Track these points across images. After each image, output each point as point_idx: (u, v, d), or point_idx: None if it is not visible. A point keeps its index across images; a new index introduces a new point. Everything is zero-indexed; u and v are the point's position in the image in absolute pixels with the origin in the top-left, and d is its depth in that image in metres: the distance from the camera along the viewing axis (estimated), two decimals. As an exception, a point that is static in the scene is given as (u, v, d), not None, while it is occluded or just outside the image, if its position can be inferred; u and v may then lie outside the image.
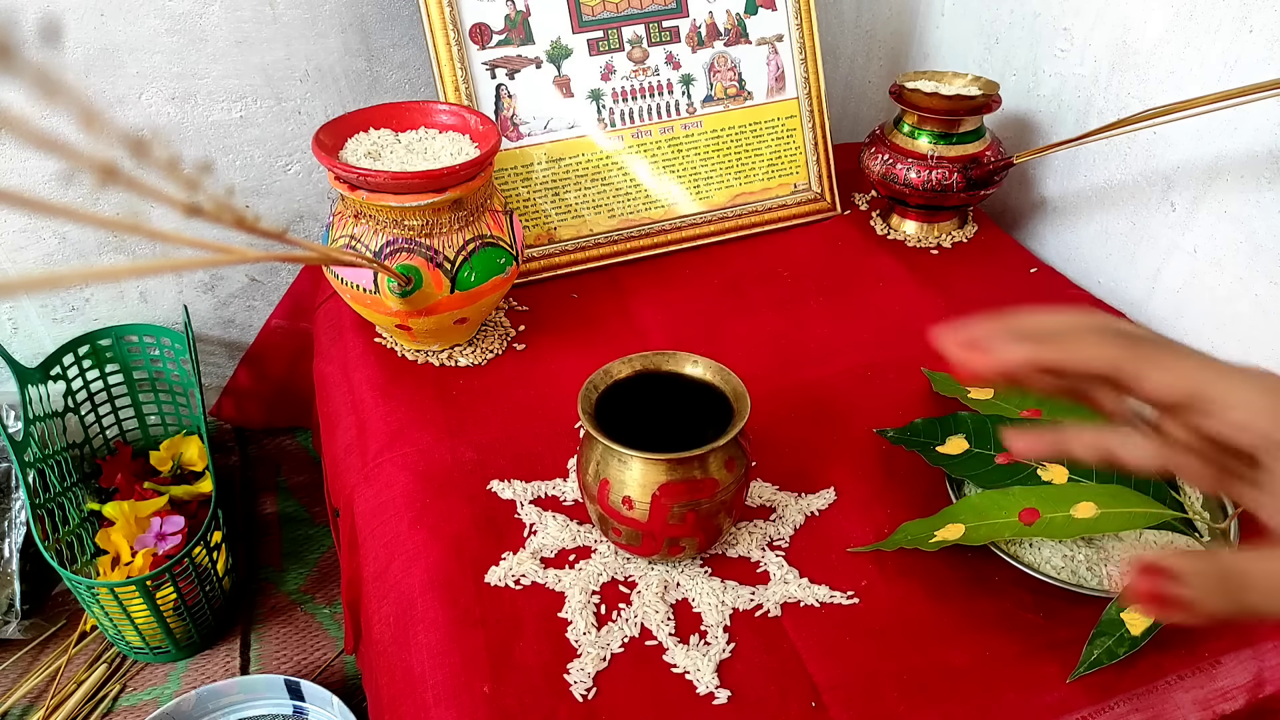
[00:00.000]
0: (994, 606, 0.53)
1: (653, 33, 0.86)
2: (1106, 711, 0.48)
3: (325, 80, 0.90)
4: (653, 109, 0.87)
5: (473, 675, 0.50)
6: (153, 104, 0.85)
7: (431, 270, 0.66)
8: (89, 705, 0.84)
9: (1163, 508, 0.52)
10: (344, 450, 0.68)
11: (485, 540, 0.58)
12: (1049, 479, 0.55)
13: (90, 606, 0.81)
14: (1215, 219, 0.74)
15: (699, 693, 0.49)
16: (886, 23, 1.09)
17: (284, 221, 0.97)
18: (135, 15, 0.81)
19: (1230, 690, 0.49)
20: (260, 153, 0.92)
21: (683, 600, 0.54)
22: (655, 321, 0.79)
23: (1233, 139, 0.71)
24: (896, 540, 0.55)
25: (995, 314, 0.30)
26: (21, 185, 0.85)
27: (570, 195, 0.85)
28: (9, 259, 0.89)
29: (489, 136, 0.69)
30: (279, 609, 0.93)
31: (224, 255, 0.34)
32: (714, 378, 0.54)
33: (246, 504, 1.05)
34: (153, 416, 1.02)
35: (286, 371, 0.99)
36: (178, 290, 0.98)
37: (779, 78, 0.91)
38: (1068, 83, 0.87)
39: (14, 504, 0.91)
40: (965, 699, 0.48)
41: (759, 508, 0.60)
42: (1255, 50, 0.68)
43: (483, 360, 0.74)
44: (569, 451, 0.65)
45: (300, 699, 0.79)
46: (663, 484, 0.50)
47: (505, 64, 0.81)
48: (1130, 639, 0.48)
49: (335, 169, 0.64)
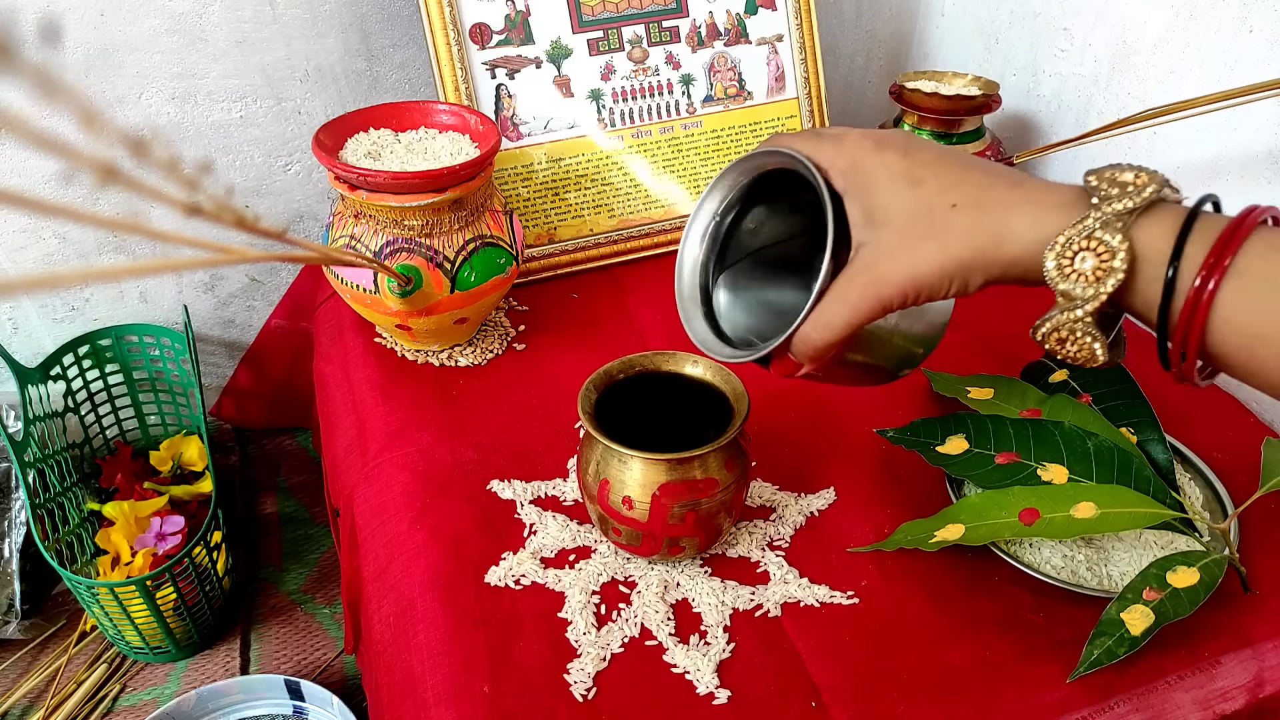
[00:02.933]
0: (994, 606, 0.53)
1: (653, 33, 0.86)
2: (1106, 711, 0.48)
3: (325, 80, 0.90)
4: (653, 109, 0.87)
5: (473, 675, 0.50)
6: (152, 104, 0.85)
7: (431, 270, 0.66)
8: (89, 705, 0.84)
9: (1163, 508, 0.52)
10: (344, 450, 0.68)
11: (485, 540, 0.58)
12: (1049, 479, 0.55)
13: (90, 606, 0.81)
14: (1215, 219, 0.74)
15: (699, 693, 0.49)
16: (886, 23, 1.09)
17: (284, 221, 0.97)
18: (135, 15, 0.81)
19: (1230, 690, 0.49)
20: (260, 153, 0.92)
21: (683, 600, 0.54)
22: (655, 321, 0.79)
23: (1233, 139, 0.71)
24: (896, 540, 0.55)
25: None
26: (21, 185, 0.85)
27: (570, 195, 0.85)
28: (9, 259, 0.89)
29: (489, 136, 0.69)
30: (279, 609, 0.93)
31: (224, 255, 0.34)
32: (714, 378, 0.54)
33: (246, 504, 1.05)
34: (153, 416, 1.02)
35: (286, 371, 0.99)
36: (178, 290, 0.98)
37: (779, 78, 0.91)
38: (1068, 83, 0.87)
39: (14, 504, 0.91)
40: (965, 699, 0.48)
41: (759, 508, 0.60)
42: (1255, 50, 0.68)
43: (483, 360, 0.74)
44: (569, 451, 0.65)
45: (300, 699, 0.79)
46: (663, 484, 0.50)
47: (505, 64, 0.82)
48: (1130, 639, 0.48)
49: (335, 169, 0.64)
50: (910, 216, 0.37)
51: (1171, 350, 0.34)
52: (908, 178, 0.38)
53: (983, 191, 0.37)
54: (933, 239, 0.37)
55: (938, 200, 0.37)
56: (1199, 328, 0.32)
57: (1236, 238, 0.31)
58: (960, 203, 0.37)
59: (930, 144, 0.40)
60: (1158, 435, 0.59)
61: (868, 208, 0.38)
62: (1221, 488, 0.58)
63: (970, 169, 0.38)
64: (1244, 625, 0.52)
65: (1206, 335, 0.32)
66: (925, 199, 0.37)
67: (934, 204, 0.37)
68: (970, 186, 0.37)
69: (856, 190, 0.39)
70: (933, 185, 0.37)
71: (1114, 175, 0.34)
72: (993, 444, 0.58)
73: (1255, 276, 0.31)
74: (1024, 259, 0.36)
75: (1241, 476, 0.60)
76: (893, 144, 0.39)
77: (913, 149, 0.39)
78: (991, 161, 0.39)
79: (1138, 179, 0.34)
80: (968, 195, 0.37)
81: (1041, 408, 0.62)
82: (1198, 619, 0.49)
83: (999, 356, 0.73)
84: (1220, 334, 0.32)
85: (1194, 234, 0.32)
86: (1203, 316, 0.32)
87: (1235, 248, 0.31)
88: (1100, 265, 0.33)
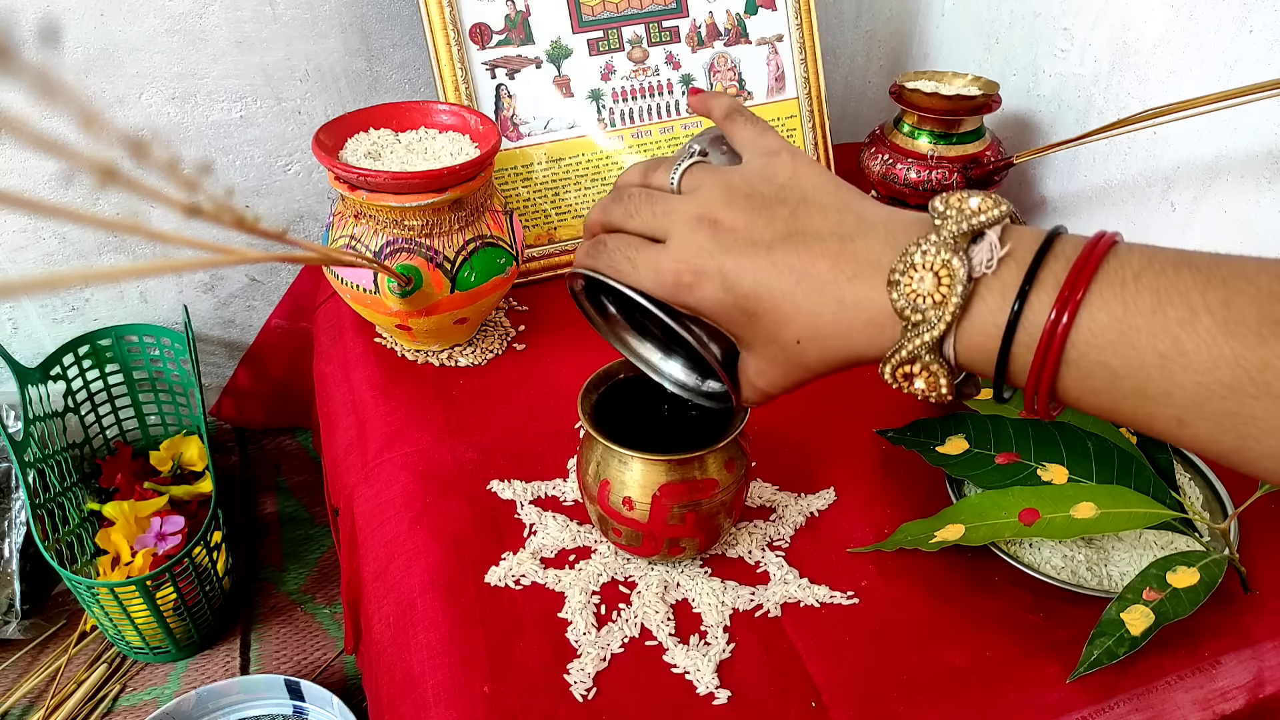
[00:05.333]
0: (994, 606, 0.53)
1: (653, 33, 0.86)
2: (1106, 711, 0.48)
3: (325, 80, 0.90)
4: (653, 109, 0.87)
5: (473, 675, 0.50)
6: (152, 104, 0.85)
7: (431, 270, 0.66)
8: (89, 705, 0.84)
9: (1163, 508, 0.52)
10: (344, 450, 0.68)
11: (485, 540, 0.58)
12: (1049, 479, 0.55)
13: (90, 606, 0.81)
14: (1215, 219, 0.74)
15: (699, 693, 0.49)
16: (886, 23, 1.09)
17: (284, 222, 0.97)
18: (135, 15, 0.81)
19: (1230, 690, 0.49)
20: (260, 153, 0.92)
21: (683, 600, 0.54)
22: (655, 321, 0.79)
23: (1233, 139, 0.71)
24: (896, 540, 0.55)
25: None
26: (21, 186, 0.85)
27: (570, 195, 0.85)
28: (9, 259, 0.89)
29: (489, 136, 0.69)
30: (279, 609, 0.93)
31: (224, 256, 0.34)
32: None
33: (246, 504, 1.05)
34: (153, 416, 1.02)
35: (286, 371, 0.99)
36: (178, 290, 0.98)
37: (779, 78, 0.91)
38: (1068, 83, 0.87)
39: (14, 504, 0.91)
40: (965, 699, 0.48)
41: (759, 508, 0.60)
42: (1255, 50, 0.68)
43: (483, 360, 0.74)
44: (569, 451, 0.65)
45: (300, 699, 0.79)
46: (663, 484, 0.50)
47: (505, 64, 0.81)
48: (1130, 639, 0.48)
49: (335, 169, 0.64)
50: (763, 348, 0.37)
51: (1026, 388, 0.31)
52: (740, 311, 0.36)
53: (815, 318, 0.34)
54: (796, 367, 0.36)
55: (780, 333, 0.35)
56: (1053, 363, 0.30)
57: (1090, 265, 0.29)
58: (802, 338, 0.35)
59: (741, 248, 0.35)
60: (1158, 435, 0.59)
61: (719, 328, 0.38)
62: (1221, 488, 0.58)
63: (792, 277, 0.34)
64: (1244, 625, 0.52)
65: (1060, 372, 0.30)
66: (768, 333, 0.36)
67: (779, 338, 0.35)
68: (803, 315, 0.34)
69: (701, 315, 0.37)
70: (767, 321, 0.35)
71: (960, 202, 0.32)
72: (993, 444, 0.58)
73: (1111, 309, 0.29)
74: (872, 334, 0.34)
75: (1241, 477, 0.60)
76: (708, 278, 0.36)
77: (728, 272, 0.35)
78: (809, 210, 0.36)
79: (983, 205, 0.32)
80: (804, 326, 0.34)
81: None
82: (1198, 619, 0.49)
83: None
84: (1076, 372, 0.30)
85: (1046, 262, 0.30)
86: (1057, 352, 0.29)
87: (1089, 276, 0.29)
88: (942, 286, 0.31)
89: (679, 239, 0.37)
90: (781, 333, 0.35)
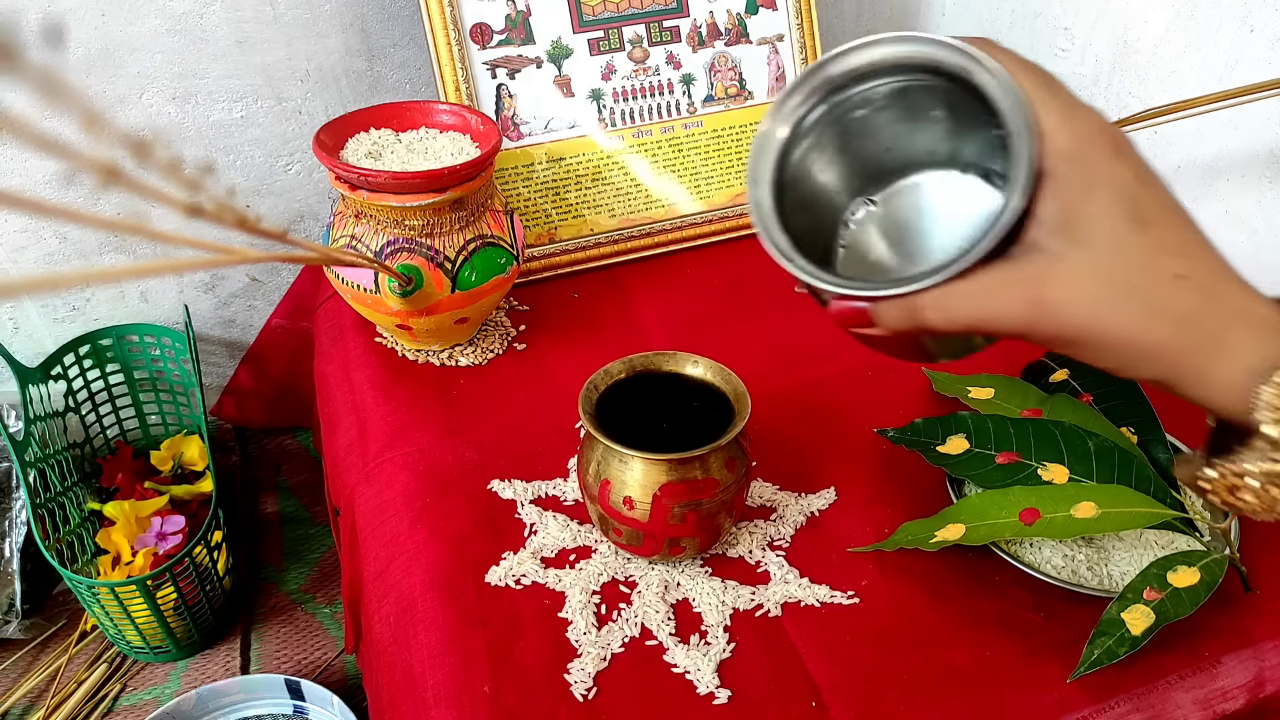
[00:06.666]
0: (994, 606, 0.53)
1: (653, 32, 0.86)
2: (1106, 711, 0.48)
3: (326, 80, 0.90)
4: (653, 109, 0.87)
5: (473, 675, 0.50)
6: (153, 104, 0.85)
7: (432, 270, 0.66)
8: (89, 705, 0.84)
9: (1163, 508, 0.52)
10: (344, 450, 0.68)
11: (485, 540, 0.58)
12: (1049, 479, 0.55)
13: (90, 606, 0.81)
14: (1215, 219, 0.74)
15: (699, 693, 0.49)
16: (886, 23, 1.09)
17: (285, 221, 0.97)
18: (136, 15, 0.81)
19: (1230, 690, 0.49)
20: (261, 153, 0.92)
21: (683, 600, 0.54)
22: (655, 321, 0.79)
23: (1233, 139, 0.71)
24: (897, 540, 0.55)
25: None
26: (23, 186, 0.85)
27: (571, 195, 0.85)
28: (10, 259, 0.89)
29: (490, 136, 0.69)
30: (279, 609, 0.93)
31: (225, 255, 0.34)
32: (714, 378, 0.54)
33: (247, 504, 1.05)
34: (153, 416, 1.02)
35: (287, 371, 0.99)
36: (178, 290, 0.98)
37: (780, 77, 0.91)
38: (1068, 82, 0.87)
39: (14, 504, 0.91)
40: (965, 699, 0.48)
41: (759, 508, 0.60)
42: (1255, 50, 0.68)
43: (483, 360, 0.74)
44: (569, 451, 0.65)
45: (300, 699, 0.79)
46: (663, 484, 0.50)
47: (506, 64, 0.82)
48: (1130, 639, 0.48)
49: (336, 169, 0.64)
50: (1119, 256, 0.30)
51: None
52: (1134, 210, 0.30)
53: (1215, 280, 0.30)
54: (1137, 301, 0.30)
55: (1161, 260, 0.30)
56: None
57: None
58: (1191, 277, 0.30)
59: (1159, 180, 0.32)
60: (1158, 435, 0.59)
61: (1071, 213, 0.30)
62: (1222, 488, 0.58)
63: (1200, 234, 0.31)
64: (1245, 625, 0.52)
65: None
66: (1146, 249, 0.30)
67: (1155, 262, 0.30)
68: (1202, 262, 0.30)
69: (1069, 186, 0.30)
70: (1159, 236, 0.30)
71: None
72: (993, 444, 0.58)
73: None
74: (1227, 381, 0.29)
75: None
76: (1129, 159, 0.31)
77: (1147, 177, 0.31)
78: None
79: None
80: (1200, 272, 0.30)
81: (1042, 407, 0.62)
82: (1198, 619, 0.49)
83: (999, 356, 0.73)
84: None
85: None
86: None
87: None
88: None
89: None
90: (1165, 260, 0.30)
